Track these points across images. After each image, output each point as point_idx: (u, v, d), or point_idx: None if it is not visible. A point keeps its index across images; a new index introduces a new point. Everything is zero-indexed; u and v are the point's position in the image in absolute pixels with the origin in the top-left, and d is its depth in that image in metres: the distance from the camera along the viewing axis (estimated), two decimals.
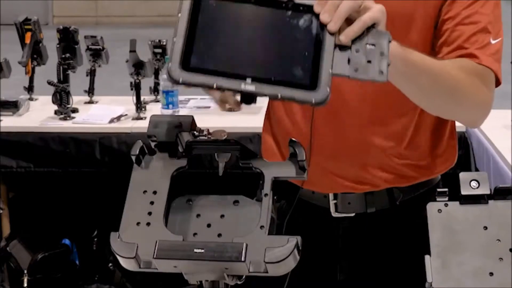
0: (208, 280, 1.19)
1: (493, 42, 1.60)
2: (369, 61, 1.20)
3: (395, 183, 1.73)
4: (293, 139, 1.22)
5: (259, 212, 1.18)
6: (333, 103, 1.68)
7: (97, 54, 3.95)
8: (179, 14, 1.17)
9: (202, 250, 1.12)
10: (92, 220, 3.77)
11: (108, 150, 3.55)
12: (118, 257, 1.16)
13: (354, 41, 1.21)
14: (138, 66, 3.77)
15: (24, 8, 8.26)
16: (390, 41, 1.22)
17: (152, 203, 1.17)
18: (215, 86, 1.15)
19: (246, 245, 1.12)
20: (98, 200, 3.72)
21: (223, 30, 1.18)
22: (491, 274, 1.18)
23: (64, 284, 3.69)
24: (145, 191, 1.18)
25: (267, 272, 1.13)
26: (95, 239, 3.76)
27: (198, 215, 1.20)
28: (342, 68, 1.19)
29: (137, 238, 1.15)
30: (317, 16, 1.19)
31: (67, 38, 3.87)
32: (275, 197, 1.76)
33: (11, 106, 3.77)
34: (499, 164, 3.11)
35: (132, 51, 3.77)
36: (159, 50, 3.91)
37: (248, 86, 1.15)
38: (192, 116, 1.24)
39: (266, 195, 1.18)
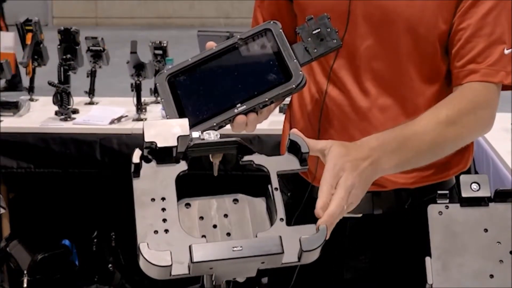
0: (236, 278, 1.19)
1: (506, 52, 1.61)
2: (321, 40, 1.43)
3: (402, 184, 1.73)
4: (294, 131, 1.26)
5: (261, 207, 1.21)
6: (344, 107, 1.70)
7: (97, 55, 3.96)
8: (162, 99, 1.41)
9: (241, 248, 1.12)
10: (92, 221, 3.76)
11: (109, 151, 3.56)
12: (148, 266, 1.11)
13: (302, 35, 1.43)
14: (138, 68, 3.77)
15: (24, 9, 8.27)
16: (328, 18, 1.44)
17: (163, 209, 1.15)
18: (215, 124, 1.36)
19: (280, 237, 1.15)
20: (98, 201, 3.72)
21: (201, 87, 1.41)
22: (492, 276, 1.18)
23: (64, 285, 3.69)
24: (153, 199, 1.16)
25: (299, 261, 1.16)
26: (95, 240, 3.76)
27: (201, 218, 1.20)
28: (304, 57, 1.42)
29: (161, 246, 1.12)
30: (265, 34, 1.42)
31: (68, 39, 3.88)
32: (289, 194, 1.77)
33: (12, 107, 3.78)
34: (498, 167, 3.11)
35: (133, 52, 3.78)
36: (160, 52, 3.91)
37: (240, 108, 1.38)
38: (187, 119, 1.24)
39: (276, 189, 1.21)
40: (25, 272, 3.59)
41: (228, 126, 1.40)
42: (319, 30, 1.43)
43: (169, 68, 1.42)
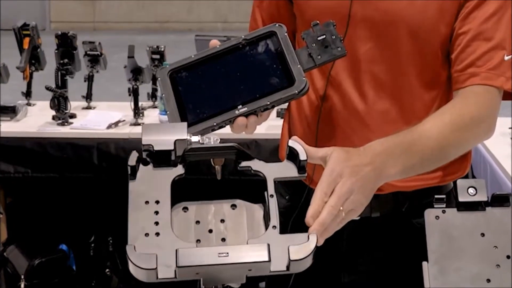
0: (225, 284, 1.18)
1: (506, 58, 1.61)
2: (326, 47, 1.42)
3: (400, 188, 1.73)
4: (294, 138, 1.25)
5: (259, 214, 1.20)
6: (342, 111, 1.70)
7: (95, 59, 3.96)
8: (163, 95, 1.40)
9: (227, 254, 1.11)
10: (89, 225, 3.76)
11: (106, 155, 3.56)
12: (135, 269, 1.12)
13: (307, 40, 1.43)
14: (136, 72, 3.77)
15: (21, 13, 8.27)
16: (334, 25, 1.43)
17: (157, 212, 1.15)
18: (215, 124, 1.36)
19: (269, 245, 1.13)
20: (96, 206, 3.71)
21: (202, 86, 1.41)
22: (488, 280, 1.18)
23: None
24: (147, 202, 1.15)
25: (288, 270, 1.14)
26: (92, 245, 3.75)
27: (197, 222, 1.19)
28: (307, 63, 1.42)
29: (150, 249, 1.12)
30: (270, 36, 1.42)
31: (66, 44, 3.87)
32: (287, 197, 1.76)
33: (9, 111, 3.77)
34: (496, 172, 3.11)
35: (130, 57, 3.78)
36: (157, 56, 3.91)
37: (241, 110, 1.37)
38: (186, 123, 1.24)
39: (272, 196, 1.19)
40: (22, 277, 3.59)
41: (227, 128, 1.40)
42: (324, 36, 1.42)
43: (171, 64, 1.42)
